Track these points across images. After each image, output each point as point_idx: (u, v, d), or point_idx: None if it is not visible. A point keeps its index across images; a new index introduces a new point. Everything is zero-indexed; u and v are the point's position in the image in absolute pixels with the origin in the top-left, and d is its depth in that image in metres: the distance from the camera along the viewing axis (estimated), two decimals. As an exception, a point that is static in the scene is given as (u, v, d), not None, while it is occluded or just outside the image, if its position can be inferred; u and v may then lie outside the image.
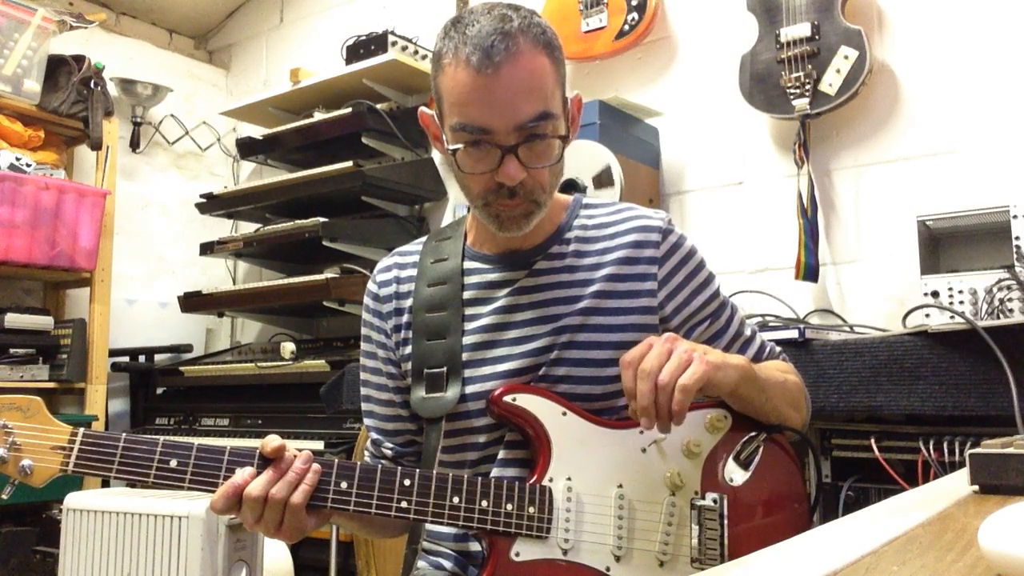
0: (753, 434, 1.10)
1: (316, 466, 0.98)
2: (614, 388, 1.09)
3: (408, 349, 1.16)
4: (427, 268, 1.18)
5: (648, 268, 1.12)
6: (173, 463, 0.95)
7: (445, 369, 1.11)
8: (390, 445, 1.22)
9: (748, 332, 1.20)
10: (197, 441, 0.99)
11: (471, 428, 1.11)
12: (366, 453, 1.26)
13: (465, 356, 1.11)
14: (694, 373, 0.94)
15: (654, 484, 1.04)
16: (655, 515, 1.04)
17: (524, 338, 1.10)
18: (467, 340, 1.12)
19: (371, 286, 1.23)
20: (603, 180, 2.17)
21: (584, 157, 2.18)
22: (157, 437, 0.97)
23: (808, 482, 1.18)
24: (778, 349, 1.26)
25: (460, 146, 1.03)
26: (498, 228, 1.09)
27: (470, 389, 1.10)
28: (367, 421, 1.24)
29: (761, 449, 1.09)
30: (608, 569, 1.01)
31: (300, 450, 0.98)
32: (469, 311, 1.14)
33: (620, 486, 1.04)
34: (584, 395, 1.08)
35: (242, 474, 0.95)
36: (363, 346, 1.24)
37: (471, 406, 1.10)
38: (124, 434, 0.96)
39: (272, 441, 0.97)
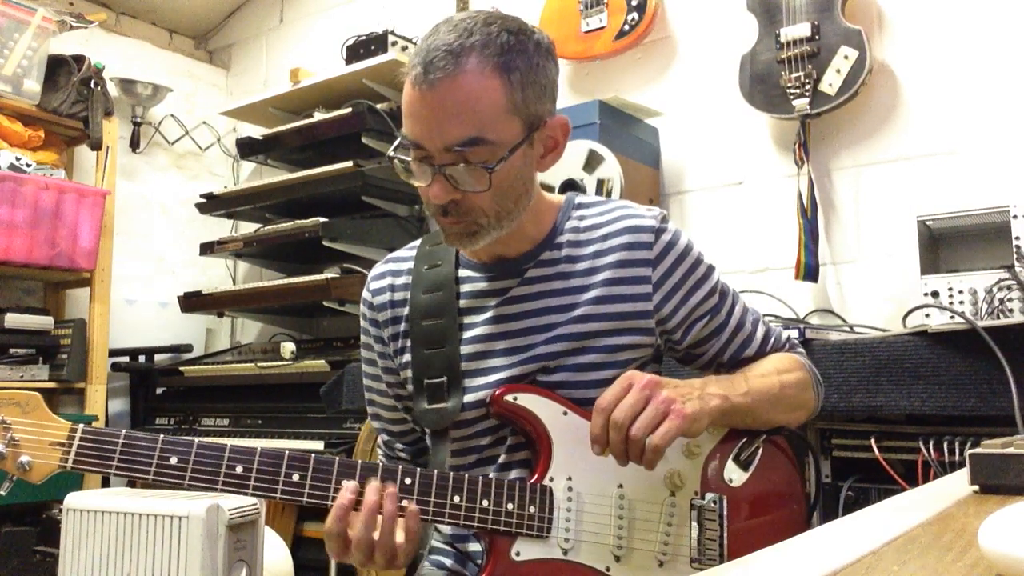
0: (752, 435, 1.10)
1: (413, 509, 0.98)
2: None
3: (406, 357, 1.16)
4: (421, 274, 1.17)
5: (642, 271, 1.10)
6: (173, 460, 0.95)
7: (445, 379, 1.11)
8: (401, 446, 1.23)
9: (749, 324, 1.17)
10: (197, 439, 0.99)
11: (472, 435, 1.11)
12: (380, 452, 1.27)
13: (463, 366, 1.11)
14: (667, 432, 0.93)
15: (654, 484, 1.05)
16: (655, 515, 1.04)
17: (518, 348, 1.09)
18: (464, 349, 1.11)
19: (365, 294, 1.22)
20: (593, 163, 2.17)
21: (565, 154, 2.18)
22: (157, 435, 0.96)
23: (808, 482, 1.17)
24: (785, 335, 1.23)
25: (409, 158, 1.03)
26: (445, 241, 1.09)
27: (468, 398, 1.10)
28: (375, 423, 1.25)
29: (760, 450, 1.09)
30: (608, 569, 1.01)
31: (305, 452, 0.99)
32: (464, 320, 1.13)
33: (620, 486, 1.04)
34: (580, 399, 1.07)
35: (346, 493, 0.95)
36: (363, 352, 1.24)
37: (472, 414, 1.10)
38: (124, 431, 0.95)
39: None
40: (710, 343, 1.15)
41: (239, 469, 0.96)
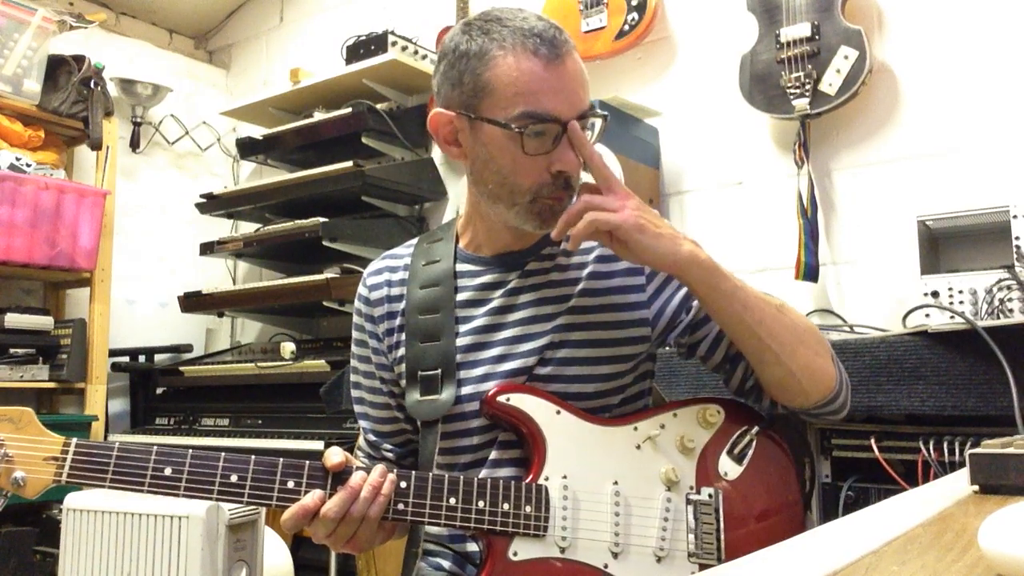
0: (746, 428, 1.10)
1: (392, 477, 0.98)
2: (606, 386, 1.09)
3: (401, 351, 1.16)
4: (419, 270, 1.18)
5: (635, 263, 1.11)
6: (168, 471, 0.95)
7: (439, 371, 1.11)
8: (389, 447, 1.22)
9: None
10: (193, 442, 0.99)
11: (466, 430, 1.11)
12: (361, 454, 1.26)
13: (458, 358, 1.11)
14: (605, 219, 0.98)
15: (649, 480, 1.05)
16: (651, 511, 1.04)
17: (517, 338, 1.10)
18: (460, 342, 1.12)
19: (361, 289, 1.22)
20: None
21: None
22: (151, 445, 0.96)
23: (807, 482, 1.17)
24: None
25: (525, 128, 1.02)
26: (539, 224, 1.07)
27: (464, 391, 1.10)
28: (362, 423, 1.24)
29: (755, 443, 1.10)
30: (606, 566, 1.01)
31: (305, 452, 0.98)
32: (462, 313, 1.14)
33: (616, 483, 1.04)
34: (576, 393, 1.08)
35: (312, 497, 0.95)
36: (355, 349, 1.23)
37: (466, 408, 1.10)
38: (117, 443, 0.96)
39: (334, 456, 0.97)
40: (711, 322, 1.13)
41: (234, 478, 0.96)
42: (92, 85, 2.85)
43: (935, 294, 1.73)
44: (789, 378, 1.06)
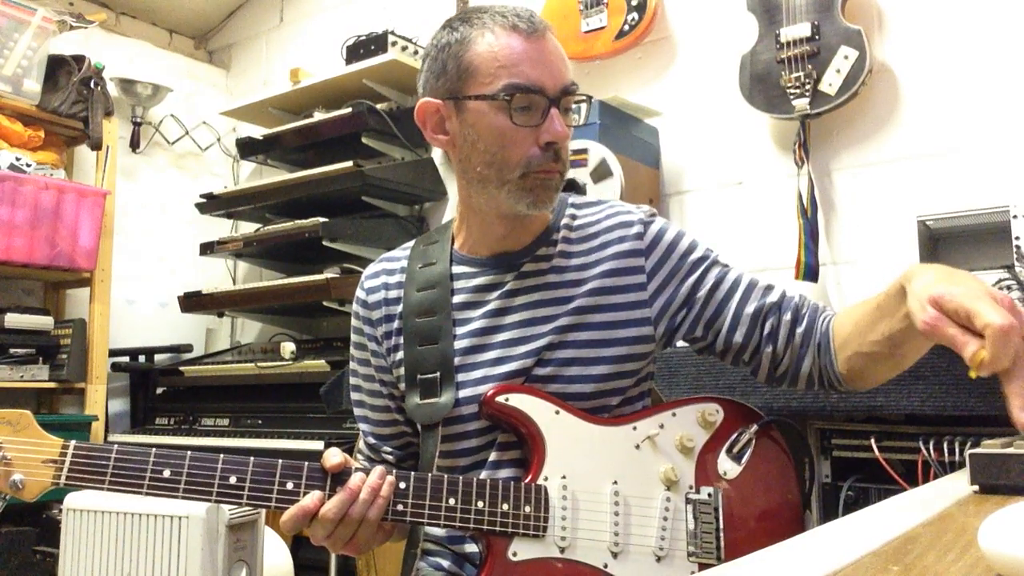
0: (744, 427, 1.10)
1: (390, 479, 0.98)
2: (605, 387, 1.09)
3: (400, 355, 1.16)
4: (415, 273, 1.18)
5: (634, 261, 1.12)
6: (166, 473, 0.95)
7: (438, 374, 1.11)
8: (389, 449, 1.22)
9: (764, 281, 1.18)
10: (193, 442, 0.99)
11: (465, 432, 1.11)
12: (360, 456, 1.26)
13: (456, 361, 1.11)
14: None
15: (649, 480, 1.05)
16: (651, 511, 1.04)
17: (515, 340, 1.10)
18: (458, 345, 1.12)
19: (359, 293, 1.22)
20: (601, 173, 2.17)
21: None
22: (149, 447, 0.96)
23: (806, 482, 1.17)
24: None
25: (512, 97, 1.04)
26: (531, 203, 1.08)
27: (463, 393, 1.10)
28: (362, 426, 1.24)
29: (753, 442, 1.10)
30: (606, 566, 1.01)
31: (305, 452, 0.98)
32: (459, 315, 1.14)
33: (615, 483, 1.04)
34: (576, 394, 1.08)
35: (312, 498, 0.95)
36: (354, 352, 1.23)
37: (464, 410, 1.10)
38: (116, 445, 0.95)
39: (333, 457, 0.97)
40: (729, 302, 1.13)
41: (232, 480, 0.96)
42: (92, 85, 2.85)
43: (935, 294, 1.73)
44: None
